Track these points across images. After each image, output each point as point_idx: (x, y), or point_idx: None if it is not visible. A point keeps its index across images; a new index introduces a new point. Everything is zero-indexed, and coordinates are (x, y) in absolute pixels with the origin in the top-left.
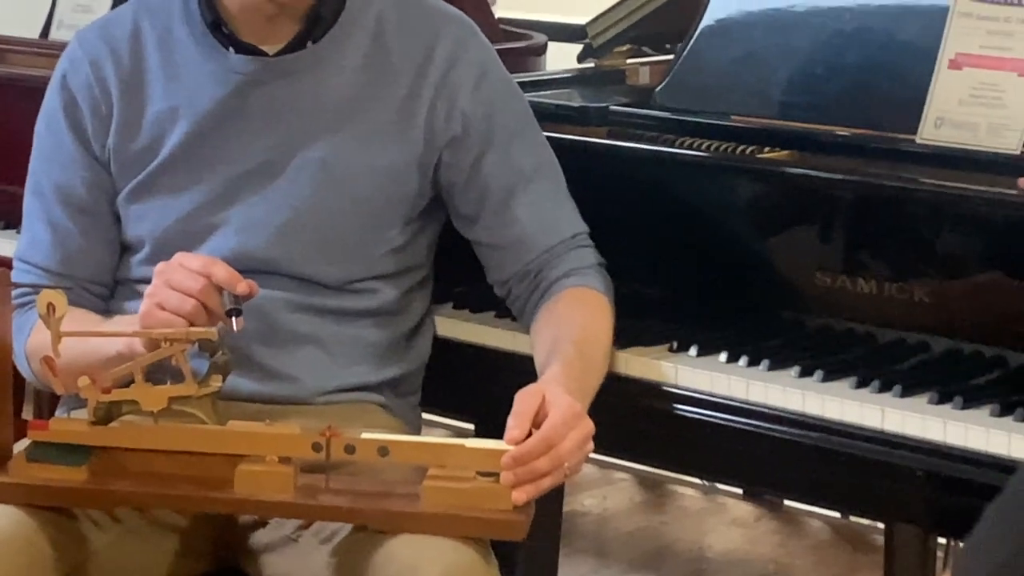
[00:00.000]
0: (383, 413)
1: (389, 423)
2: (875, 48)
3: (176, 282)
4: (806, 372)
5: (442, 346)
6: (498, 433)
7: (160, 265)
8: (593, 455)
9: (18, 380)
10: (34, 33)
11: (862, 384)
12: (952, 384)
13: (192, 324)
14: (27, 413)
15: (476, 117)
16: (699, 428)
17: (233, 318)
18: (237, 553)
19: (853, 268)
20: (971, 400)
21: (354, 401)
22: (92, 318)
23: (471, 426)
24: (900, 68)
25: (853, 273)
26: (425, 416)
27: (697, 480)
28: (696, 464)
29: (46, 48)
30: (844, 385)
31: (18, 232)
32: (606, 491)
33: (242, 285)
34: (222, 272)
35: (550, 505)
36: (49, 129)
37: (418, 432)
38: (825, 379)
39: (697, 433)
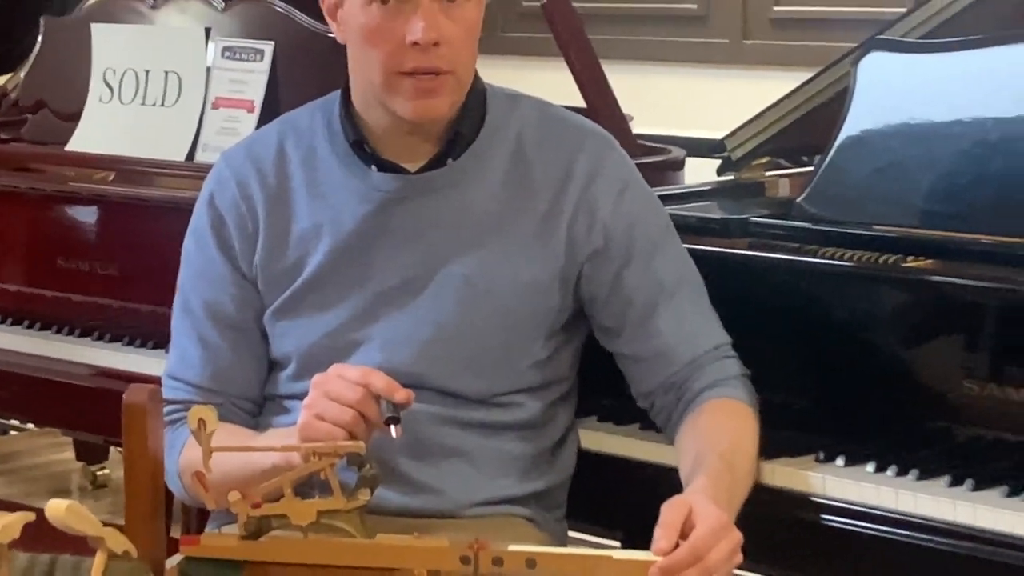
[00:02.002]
0: (529, 526)
1: (535, 536)
2: (1018, 157)
3: (335, 392)
4: (956, 481)
5: (587, 459)
6: (645, 546)
7: (317, 376)
8: (739, 569)
9: (167, 497)
10: (180, 156)
11: (1013, 493)
12: None
13: (351, 434)
14: (174, 531)
15: (617, 230)
16: (847, 539)
17: (392, 426)
18: None
19: (1001, 376)
20: None
21: (500, 514)
22: (242, 433)
23: (617, 543)
24: None
25: (1001, 381)
26: (571, 532)
27: None
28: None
29: (192, 170)
30: (995, 494)
31: (167, 351)
32: None
33: (400, 394)
34: (380, 381)
35: None
36: (198, 247)
37: (564, 545)
38: (976, 488)
39: (845, 544)
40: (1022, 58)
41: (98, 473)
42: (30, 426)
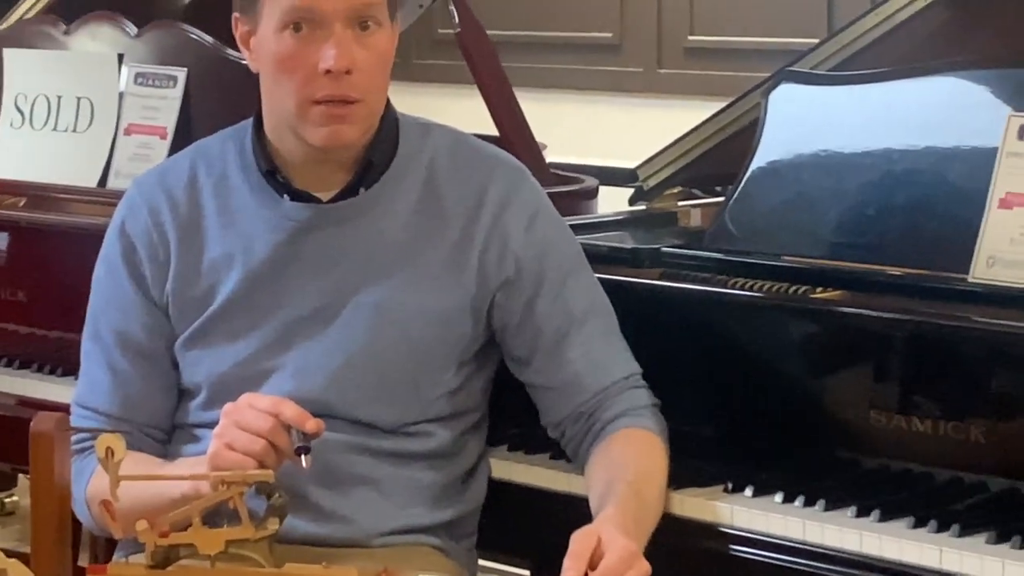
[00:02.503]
0: (439, 555)
1: (445, 566)
2: (925, 188)
3: (245, 422)
4: (863, 512)
5: (497, 488)
6: (554, 575)
7: (228, 406)
8: None
9: (74, 526)
10: (92, 182)
11: (919, 524)
12: (1011, 523)
13: (261, 464)
14: (83, 560)
15: (528, 259)
16: (755, 569)
17: (302, 456)
18: None
19: (908, 407)
20: None
21: (410, 543)
22: (151, 462)
23: (526, 572)
24: (950, 208)
25: (908, 412)
26: (480, 560)
27: None
28: None
29: (103, 197)
30: (901, 525)
31: (75, 378)
32: None
33: (311, 423)
34: (291, 411)
35: None
36: (108, 274)
37: (474, 575)
38: (882, 519)
39: (753, 574)
40: (929, 91)
41: (6, 500)
42: None
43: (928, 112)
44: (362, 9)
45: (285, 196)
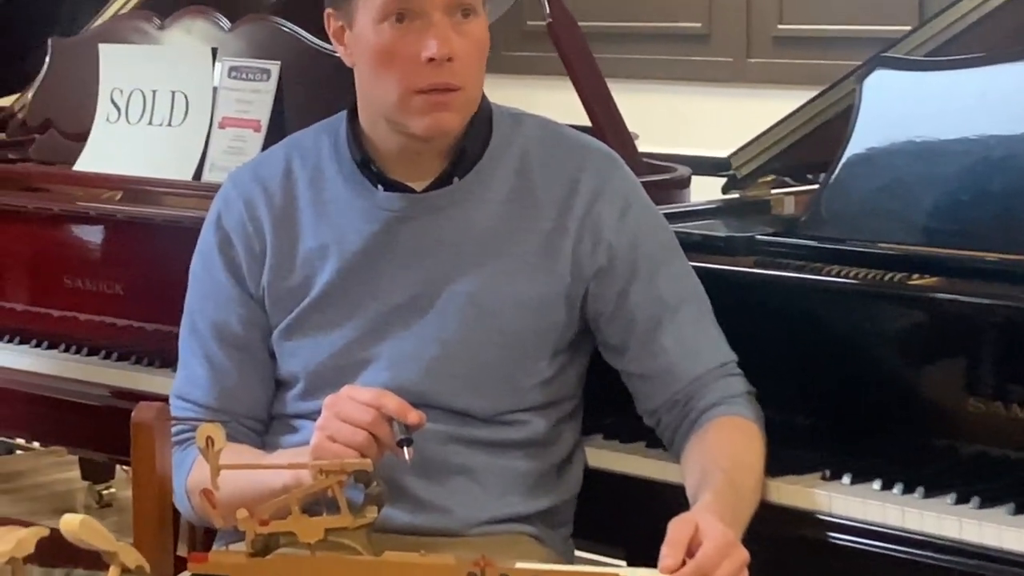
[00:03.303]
0: (535, 544)
1: (541, 554)
2: (1020, 174)
3: (347, 414)
4: (962, 499)
5: (593, 477)
6: (651, 564)
7: (329, 398)
8: None
9: (173, 516)
10: (187, 175)
11: (1019, 510)
12: None
13: (364, 456)
14: (181, 550)
15: (622, 248)
16: (853, 556)
17: (404, 448)
18: None
19: (1006, 393)
20: None
21: (506, 532)
22: (250, 452)
23: (622, 561)
24: None
25: (1006, 399)
26: (576, 550)
27: None
28: None
29: (199, 190)
30: (1001, 511)
31: (173, 371)
32: None
33: (413, 415)
34: (393, 403)
35: None
36: (205, 268)
37: (570, 563)
38: (981, 506)
39: (851, 562)
40: None
41: (104, 492)
42: (36, 445)
43: None
44: None
45: (379, 186)
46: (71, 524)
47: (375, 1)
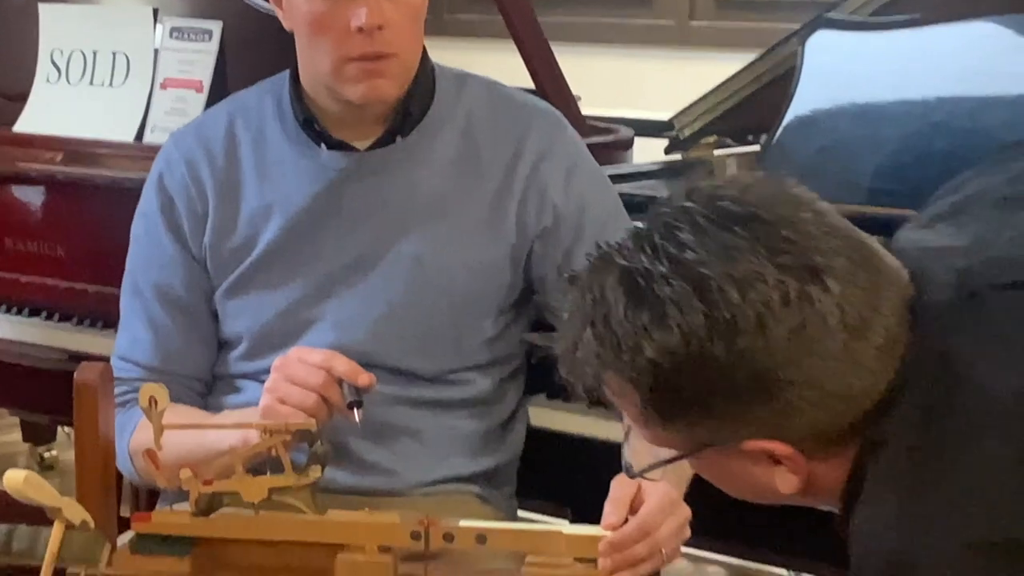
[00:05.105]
0: (479, 504)
1: (485, 513)
2: (960, 135)
3: (297, 376)
4: None
5: (536, 436)
6: (594, 521)
7: (278, 360)
8: (685, 548)
9: (116, 478)
10: (129, 136)
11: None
12: None
13: (314, 418)
14: (124, 511)
15: (567, 209)
16: (789, 513)
17: (355, 410)
18: None
19: None
20: None
21: (450, 492)
22: (193, 413)
23: (565, 520)
24: (985, 154)
25: None
26: (520, 511)
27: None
28: (789, 551)
29: (141, 151)
30: None
31: (114, 332)
32: None
33: (363, 377)
34: (343, 365)
35: None
36: (146, 229)
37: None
38: None
39: (792, 521)
40: (967, 36)
41: (45, 455)
42: None
43: (966, 58)
44: None
45: (322, 146)
46: (14, 480)
47: None
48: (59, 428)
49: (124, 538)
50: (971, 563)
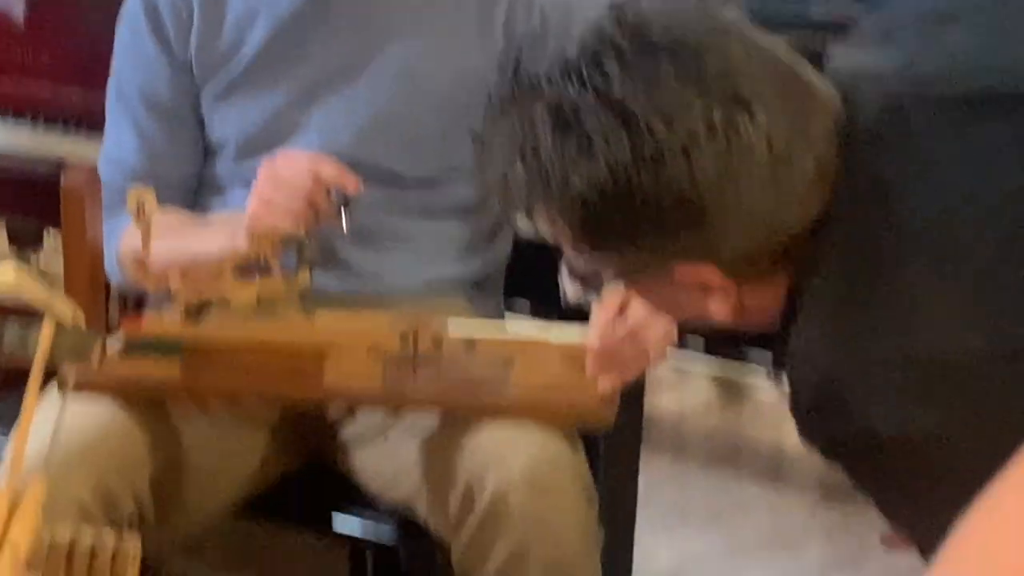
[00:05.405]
0: (466, 309)
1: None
2: None
3: (284, 180)
4: None
5: (525, 244)
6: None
7: (265, 163)
8: (670, 356)
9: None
10: None
11: None
12: None
13: (301, 222)
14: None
15: (555, 12)
16: None
17: (342, 215)
18: (326, 448)
19: None
20: None
21: (438, 297)
22: (180, 217)
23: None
24: None
25: None
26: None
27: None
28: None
29: None
30: None
31: (101, 138)
32: (683, 391)
33: (350, 181)
34: (330, 169)
35: (633, 398)
36: (131, 33)
37: None
38: None
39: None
40: None
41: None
42: None
43: None
44: None
45: None
46: (5, 275)
47: None
48: (46, 236)
49: (113, 342)
50: (899, 383)
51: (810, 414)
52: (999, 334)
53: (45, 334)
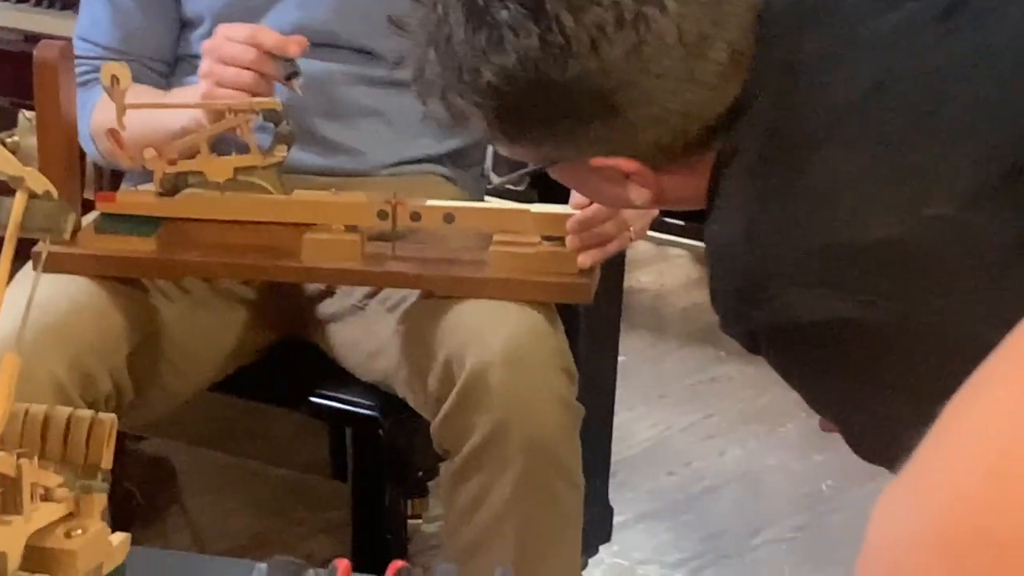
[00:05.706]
0: (447, 184)
1: (452, 194)
2: None
3: (228, 57)
4: None
5: None
6: (563, 200)
7: (206, 43)
8: (650, 233)
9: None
10: None
11: None
12: None
13: (254, 95)
14: (88, 195)
15: None
16: None
17: (293, 80)
18: (304, 324)
19: None
20: None
21: (417, 173)
22: (154, 93)
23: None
24: None
25: None
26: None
27: None
28: None
29: None
30: None
31: (75, 12)
32: (662, 268)
33: (292, 46)
34: (270, 38)
35: (612, 273)
36: None
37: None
38: None
39: None
40: None
41: (7, 140)
42: None
43: None
44: None
45: None
46: None
47: None
48: (20, 114)
49: (89, 218)
50: (818, 271)
51: (731, 306)
52: (915, 217)
53: (17, 204)
